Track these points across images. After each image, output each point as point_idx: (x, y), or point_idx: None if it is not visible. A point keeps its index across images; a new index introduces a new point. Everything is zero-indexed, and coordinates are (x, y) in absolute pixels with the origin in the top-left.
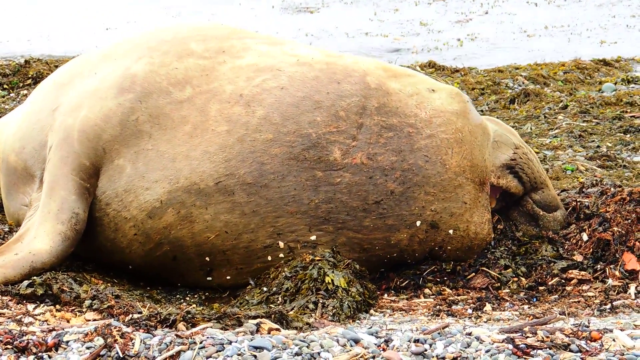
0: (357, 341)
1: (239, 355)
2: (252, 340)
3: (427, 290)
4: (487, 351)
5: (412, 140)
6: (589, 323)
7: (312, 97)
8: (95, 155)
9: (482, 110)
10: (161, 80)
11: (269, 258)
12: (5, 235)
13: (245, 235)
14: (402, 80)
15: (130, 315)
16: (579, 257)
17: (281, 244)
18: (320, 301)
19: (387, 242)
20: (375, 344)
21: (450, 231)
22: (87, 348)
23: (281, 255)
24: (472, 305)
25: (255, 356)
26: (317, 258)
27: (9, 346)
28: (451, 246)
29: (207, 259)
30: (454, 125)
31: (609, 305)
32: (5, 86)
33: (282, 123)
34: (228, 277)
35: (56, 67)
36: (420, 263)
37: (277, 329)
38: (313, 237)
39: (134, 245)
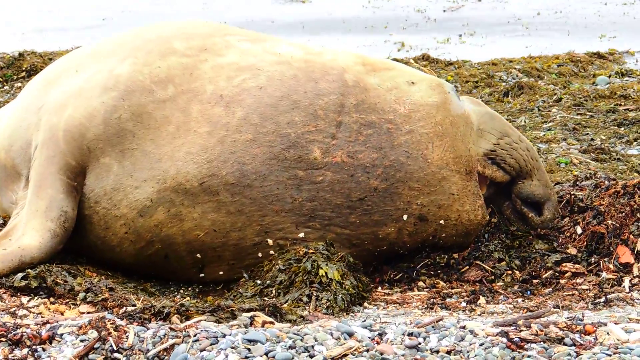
0: (351, 334)
1: (232, 348)
2: (246, 333)
3: (420, 283)
4: (481, 345)
5: (392, 137)
6: (583, 316)
7: (290, 97)
8: (80, 154)
9: None
10: (144, 79)
11: (260, 255)
12: (0, 228)
13: (233, 233)
14: (381, 74)
15: (124, 308)
16: (573, 250)
17: (270, 242)
18: (314, 294)
19: (375, 237)
20: (369, 337)
21: (442, 222)
22: (81, 341)
23: (271, 252)
24: (466, 298)
25: (249, 349)
26: (311, 251)
27: (2, 339)
28: (446, 234)
29: (199, 255)
30: (433, 118)
31: (603, 299)
32: None
33: (262, 123)
34: (221, 273)
35: (50, 60)
36: (414, 256)
37: (271, 322)
38: (301, 235)
39: (125, 244)
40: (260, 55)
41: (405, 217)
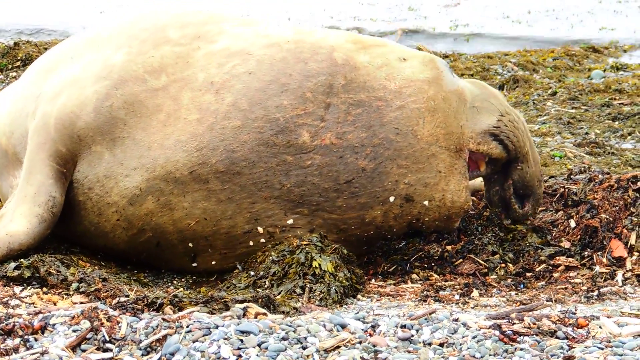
0: (344, 326)
1: (225, 339)
2: (239, 324)
3: (414, 276)
4: (473, 337)
5: (381, 114)
6: (575, 310)
7: (279, 81)
8: (71, 142)
9: None
10: (137, 69)
11: (251, 243)
12: None
13: (224, 221)
14: (372, 51)
15: (117, 299)
16: (566, 244)
17: (260, 230)
18: (308, 286)
19: (362, 221)
20: (362, 329)
21: (426, 202)
22: (74, 331)
23: (262, 240)
24: (459, 291)
25: (242, 340)
26: (304, 242)
27: None
28: (428, 217)
29: (190, 245)
30: (425, 93)
31: (596, 292)
32: None
33: (250, 109)
34: (213, 262)
35: (45, 49)
36: (408, 248)
37: (264, 314)
38: (290, 221)
39: (118, 230)
40: (251, 39)
41: (392, 198)
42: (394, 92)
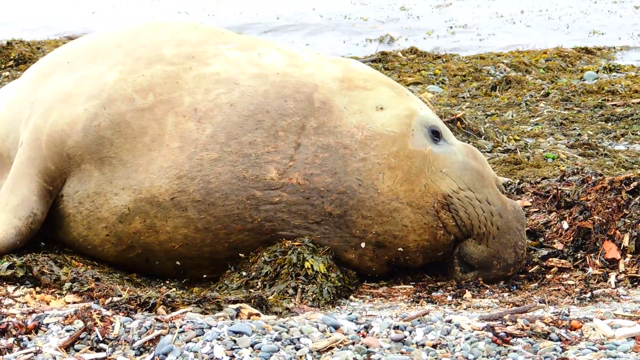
0: (336, 327)
1: (218, 339)
2: (232, 325)
3: (407, 277)
4: (466, 339)
5: (346, 162)
6: (569, 312)
7: (256, 117)
8: (60, 160)
9: (463, 97)
10: (127, 87)
11: (237, 263)
12: None
13: (205, 248)
14: (354, 94)
15: (110, 299)
16: (559, 246)
17: (242, 255)
18: (300, 286)
19: (339, 261)
20: (355, 330)
21: (400, 249)
22: (67, 331)
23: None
24: (452, 292)
25: (234, 341)
26: (296, 243)
27: None
28: (409, 257)
29: (178, 263)
30: (388, 149)
31: (589, 294)
32: None
33: (227, 142)
34: (204, 276)
35: (38, 49)
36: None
37: (257, 314)
38: None
39: (107, 245)
40: (242, 66)
41: (363, 244)
42: (360, 143)
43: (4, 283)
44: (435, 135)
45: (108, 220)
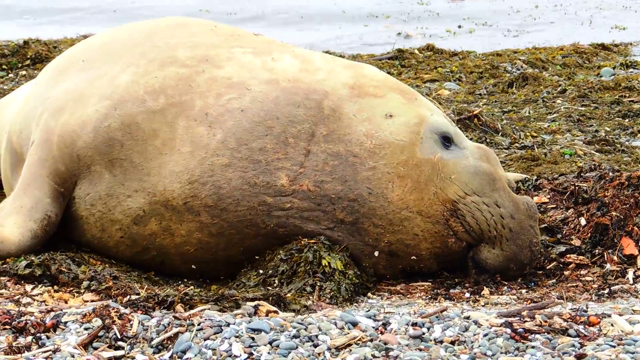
0: (355, 324)
1: (237, 337)
2: (250, 322)
3: (424, 274)
4: (485, 335)
5: (355, 170)
6: (587, 308)
7: (266, 123)
8: (70, 161)
9: (480, 94)
10: (139, 89)
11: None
12: None
13: (220, 252)
14: (364, 101)
15: (128, 297)
16: (577, 242)
17: (258, 257)
18: (318, 284)
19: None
20: (374, 327)
21: (413, 257)
22: (85, 329)
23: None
24: (469, 289)
25: (253, 338)
26: (312, 241)
27: (7, 326)
28: (424, 264)
29: (194, 266)
30: (397, 158)
31: (607, 290)
32: (4, 67)
33: (237, 148)
34: (222, 277)
35: (55, 48)
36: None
37: (275, 312)
38: None
39: (121, 247)
40: (255, 71)
41: (376, 253)
42: (369, 151)
43: (22, 282)
44: (446, 140)
45: (122, 222)
